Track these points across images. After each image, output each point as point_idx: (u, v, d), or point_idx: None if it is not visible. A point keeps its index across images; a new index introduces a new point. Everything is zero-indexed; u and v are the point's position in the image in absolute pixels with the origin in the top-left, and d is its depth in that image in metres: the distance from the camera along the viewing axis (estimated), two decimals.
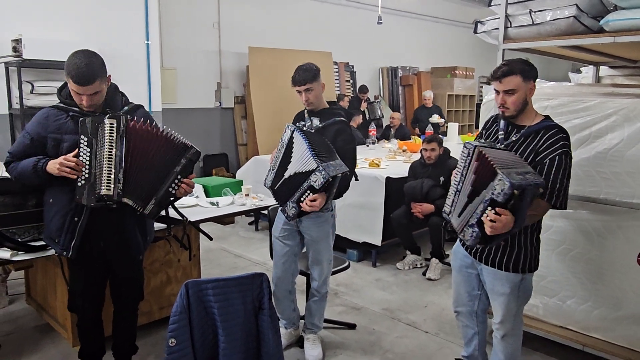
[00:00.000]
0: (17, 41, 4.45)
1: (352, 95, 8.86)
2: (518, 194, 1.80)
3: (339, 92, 8.31)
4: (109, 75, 2.15)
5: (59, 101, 2.20)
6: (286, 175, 2.48)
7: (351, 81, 8.97)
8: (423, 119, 7.57)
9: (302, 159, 2.41)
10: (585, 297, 2.68)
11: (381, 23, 6.95)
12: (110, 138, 2.04)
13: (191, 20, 6.83)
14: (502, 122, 2.18)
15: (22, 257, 2.29)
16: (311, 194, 2.38)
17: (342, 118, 2.69)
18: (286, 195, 2.50)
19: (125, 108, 2.22)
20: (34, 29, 4.68)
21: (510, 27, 2.80)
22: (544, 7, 2.69)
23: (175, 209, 2.50)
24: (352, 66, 9.01)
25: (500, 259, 2.14)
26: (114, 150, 2.05)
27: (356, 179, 2.75)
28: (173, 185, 2.16)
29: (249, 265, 4.34)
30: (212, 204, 3.25)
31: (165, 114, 6.11)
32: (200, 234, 2.91)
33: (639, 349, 2.52)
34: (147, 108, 6.00)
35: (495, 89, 2.09)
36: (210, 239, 2.84)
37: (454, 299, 2.46)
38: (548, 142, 2.03)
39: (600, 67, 3.98)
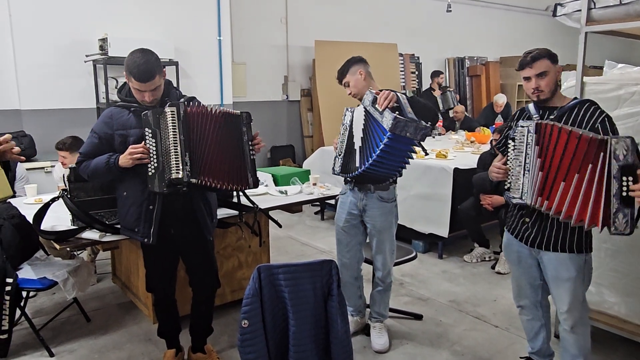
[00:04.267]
0: (103, 40, 4.81)
1: (416, 87, 8.68)
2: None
3: (406, 83, 8.18)
4: (165, 70, 2.26)
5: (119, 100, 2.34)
6: (356, 146, 2.51)
7: (416, 72, 8.80)
8: (487, 123, 7.17)
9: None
10: None
11: (450, 11, 6.78)
12: (173, 124, 2.15)
13: (260, 16, 7.01)
14: (532, 109, 2.20)
15: (109, 238, 2.46)
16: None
17: None
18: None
19: (182, 100, 2.31)
20: (118, 28, 5.03)
21: (594, 8, 2.64)
22: None
23: (247, 196, 2.60)
24: (418, 57, 8.83)
25: (562, 241, 2.10)
26: (178, 135, 2.15)
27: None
28: (251, 152, 2.33)
29: (315, 253, 4.42)
30: (281, 192, 3.35)
31: (236, 107, 6.33)
32: (270, 222, 3.01)
33: None
34: (219, 101, 6.30)
35: (525, 77, 2.15)
36: (280, 226, 2.92)
37: (515, 293, 2.40)
38: (589, 113, 2.07)
39: None
